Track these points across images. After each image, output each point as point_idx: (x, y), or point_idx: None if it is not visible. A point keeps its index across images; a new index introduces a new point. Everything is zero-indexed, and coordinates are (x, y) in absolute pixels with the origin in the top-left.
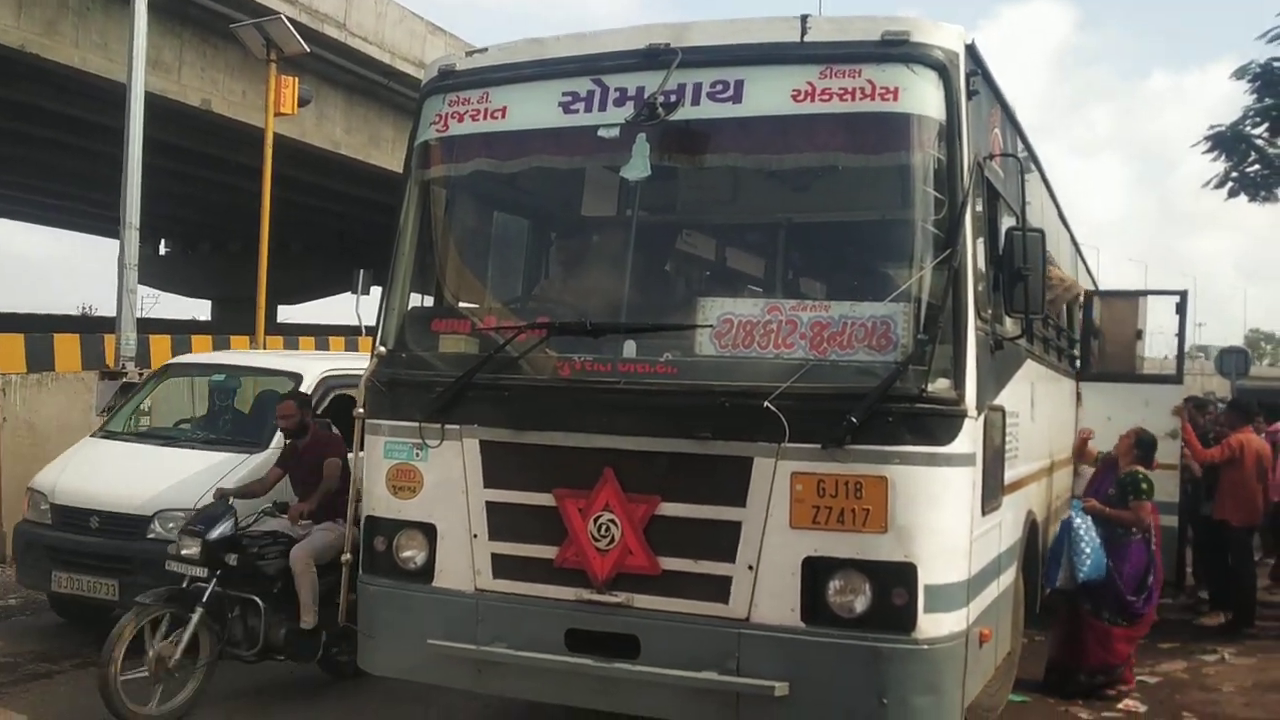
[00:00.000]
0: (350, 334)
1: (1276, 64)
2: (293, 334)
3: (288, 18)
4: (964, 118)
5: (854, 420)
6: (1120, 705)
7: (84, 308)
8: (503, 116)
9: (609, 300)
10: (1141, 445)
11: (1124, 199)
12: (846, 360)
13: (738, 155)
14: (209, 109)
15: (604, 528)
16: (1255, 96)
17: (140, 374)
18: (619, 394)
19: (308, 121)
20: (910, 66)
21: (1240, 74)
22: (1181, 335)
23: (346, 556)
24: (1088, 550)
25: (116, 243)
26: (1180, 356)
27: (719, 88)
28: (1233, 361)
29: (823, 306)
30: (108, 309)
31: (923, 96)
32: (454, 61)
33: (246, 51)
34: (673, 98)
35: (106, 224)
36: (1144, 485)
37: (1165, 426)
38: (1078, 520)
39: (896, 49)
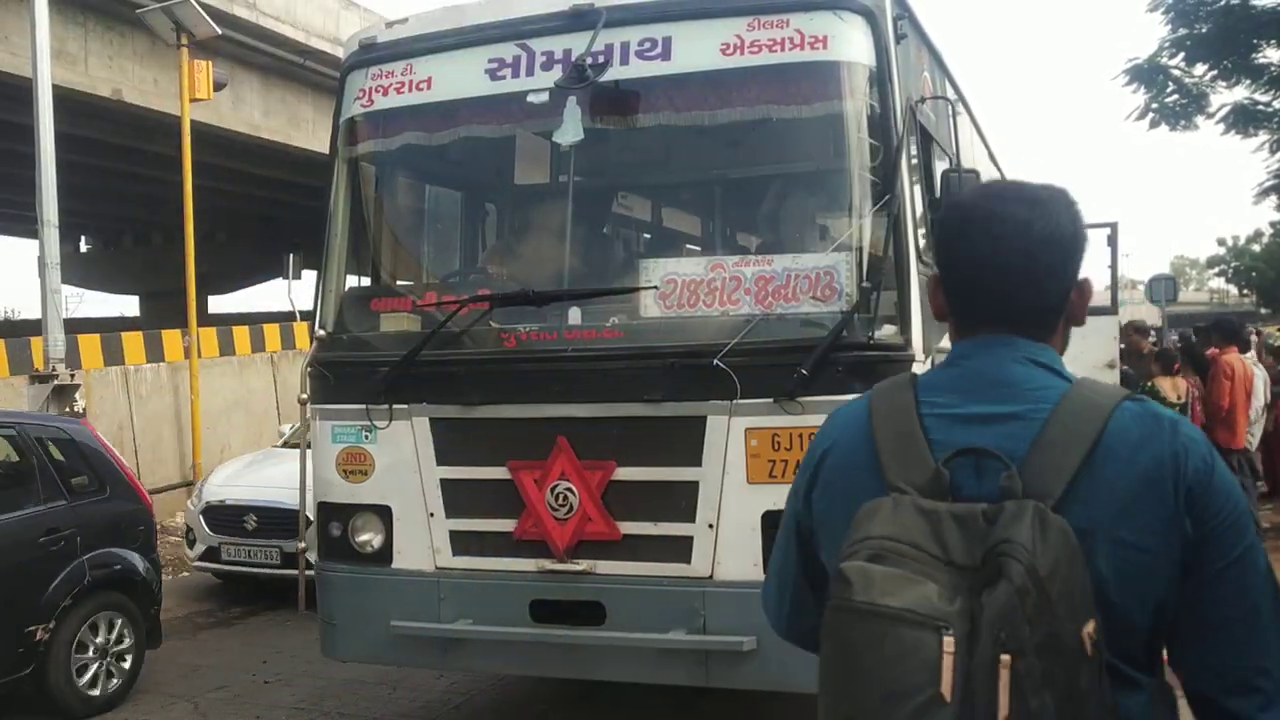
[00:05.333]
0: (285, 320)
1: None
2: (226, 324)
3: (195, 0)
4: (894, 62)
5: (804, 372)
6: None
7: (8, 311)
8: (428, 87)
9: (550, 268)
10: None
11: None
12: (793, 313)
13: (670, 113)
14: (120, 99)
15: (561, 497)
16: (1170, 28)
17: (71, 375)
18: (567, 362)
19: (224, 106)
20: (837, 13)
21: (1154, 6)
22: (1114, 266)
23: (302, 544)
24: None
25: (35, 243)
26: (1114, 287)
27: (647, 45)
28: (1162, 289)
29: (766, 261)
30: (31, 311)
31: (851, 43)
32: (374, 34)
33: (155, 37)
34: (601, 58)
35: (24, 224)
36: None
37: (1104, 357)
38: None
39: None
